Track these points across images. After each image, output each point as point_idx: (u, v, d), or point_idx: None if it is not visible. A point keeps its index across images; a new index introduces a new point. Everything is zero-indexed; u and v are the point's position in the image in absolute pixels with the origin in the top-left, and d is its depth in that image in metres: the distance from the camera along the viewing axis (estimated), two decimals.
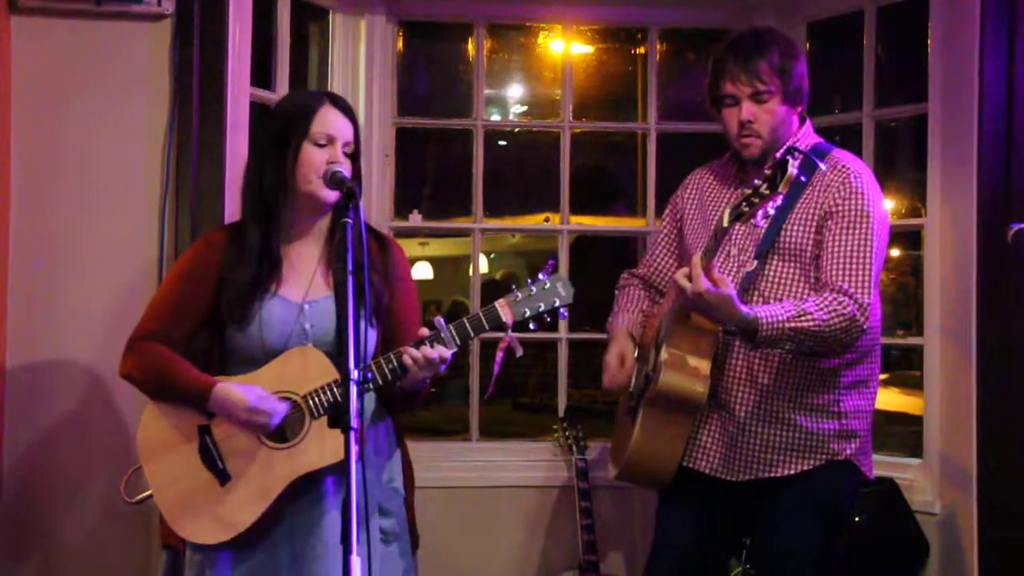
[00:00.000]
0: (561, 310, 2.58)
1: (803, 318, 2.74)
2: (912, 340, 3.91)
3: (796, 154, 2.53)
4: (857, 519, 3.48)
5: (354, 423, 2.08)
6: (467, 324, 2.55)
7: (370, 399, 2.67)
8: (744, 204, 2.62)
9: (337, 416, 2.11)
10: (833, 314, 2.77)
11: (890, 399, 4.19)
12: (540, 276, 2.58)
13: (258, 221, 2.65)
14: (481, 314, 2.55)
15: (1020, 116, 3.42)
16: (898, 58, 4.09)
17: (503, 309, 2.54)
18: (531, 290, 2.56)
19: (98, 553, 3.50)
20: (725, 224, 2.65)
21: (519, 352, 2.59)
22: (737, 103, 2.95)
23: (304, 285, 2.66)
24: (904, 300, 4.06)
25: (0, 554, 3.47)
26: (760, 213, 2.60)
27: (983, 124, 3.46)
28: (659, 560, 3.11)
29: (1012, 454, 3.39)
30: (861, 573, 3.49)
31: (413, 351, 2.52)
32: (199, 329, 2.69)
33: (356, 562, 1.99)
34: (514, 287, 2.56)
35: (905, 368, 4.43)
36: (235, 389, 2.54)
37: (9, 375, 3.45)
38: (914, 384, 4.05)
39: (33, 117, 3.47)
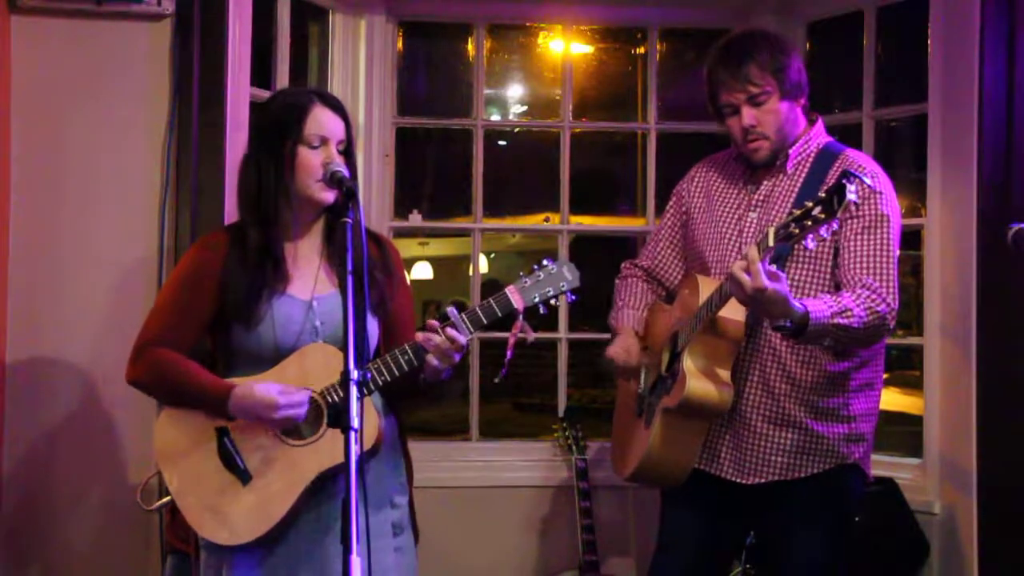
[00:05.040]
0: (569, 294, 2.61)
1: (845, 314, 2.73)
2: (912, 340, 3.91)
3: (853, 179, 2.46)
4: (857, 519, 3.47)
5: (354, 423, 2.09)
6: (479, 312, 2.56)
7: (377, 395, 2.68)
8: (793, 225, 2.52)
9: (336, 416, 2.11)
10: (870, 312, 2.77)
11: (890, 399, 4.19)
12: (545, 262, 2.61)
13: (258, 222, 2.64)
14: (492, 301, 2.56)
15: (1020, 116, 3.42)
16: (898, 58, 4.09)
17: (513, 295, 2.56)
18: (539, 276, 2.59)
19: (98, 556, 3.50)
20: (771, 243, 2.57)
21: (531, 337, 2.60)
22: (737, 111, 2.93)
23: (310, 282, 2.66)
24: (904, 300, 4.05)
25: (0, 557, 3.47)
26: (811, 236, 2.50)
27: (983, 124, 3.46)
28: (664, 560, 3.11)
29: (1012, 454, 3.39)
30: (861, 573, 3.49)
31: (425, 340, 2.53)
32: (204, 333, 2.69)
33: (356, 562, 1.99)
34: (521, 274, 2.58)
35: (905, 368, 4.43)
36: (256, 390, 2.52)
37: (9, 376, 3.45)
38: (914, 384, 4.05)
39: (33, 117, 3.47)
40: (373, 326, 2.67)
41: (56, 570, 3.50)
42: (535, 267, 2.60)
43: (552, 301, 2.59)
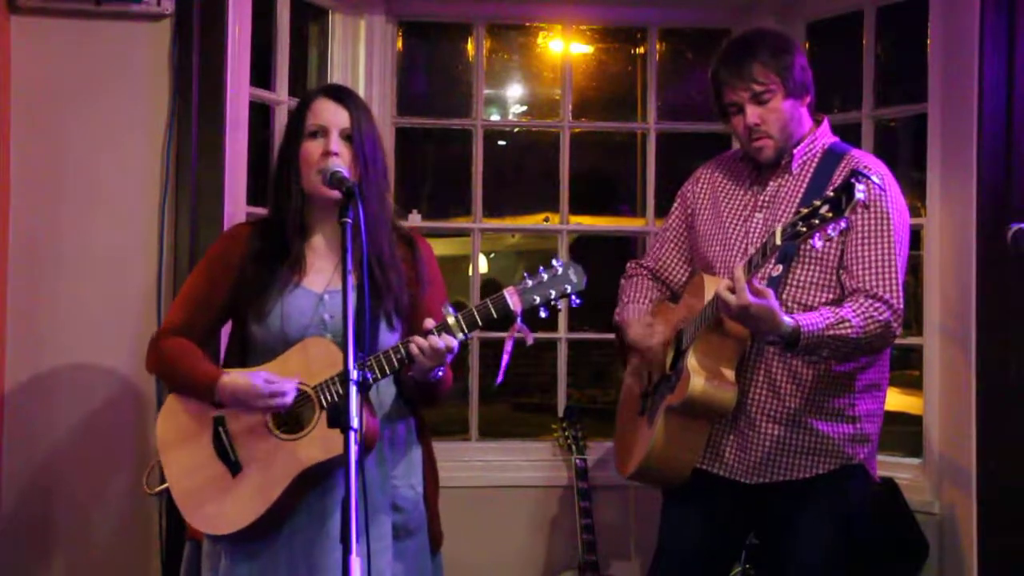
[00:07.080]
0: (573, 297, 2.53)
1: (841, 326, 2.74)
2: (912, 340, 3.91)
3: (861, 178, 2.46)
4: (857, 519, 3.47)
5: (353, 423, 2.08)
6: (475, 313, 2.52)
7: (388, 392, 2.69)
8: (801, 224, 2.53)
9: (336, 416, 2.11)
10: (870, 320, 2.77)
11: (890, 399, 4.17)
12: (552, 263, 2.54)
13: (277, 217, 2.70)
14: (489, 302, 2.51)
15: (1020, 116, 3.42)
16: (898, 58, 4.09)
17: (512, 297, 2.50)
18: (542, 277, 2.52)
19: (99, 550, 3.51)
20: (778, 242, 2.58)
21: (530, 341, 2.54)
22: (741, 110, 2.94)
23: (326, 275, 2.68)
24: (904, 300, 4.06)
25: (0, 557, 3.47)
26: (818, 235, 2.51)
27: (983, 124, 3.45)
28: (666, 560, 3.10)
29: (1012, 454, 3.39)
30: (861, 573, 3.49)
31: (420, 340, 2.51)
32: (220, 321, 2.76)
33: (356, 562, 1.99)
34: (525, 275, 2.52)
35: (905, 368, 4.42)
36: (241, 378, 2.56)
37: (8, 374, 3.45)
38: (914, 384, 4.05)
39: (33, 117, 3.47)
40: (391, 337, 2.64)
41: (57, 564, 3.50)
42: (540, 268, 2.54)
43: (555, 304, 2.53)
